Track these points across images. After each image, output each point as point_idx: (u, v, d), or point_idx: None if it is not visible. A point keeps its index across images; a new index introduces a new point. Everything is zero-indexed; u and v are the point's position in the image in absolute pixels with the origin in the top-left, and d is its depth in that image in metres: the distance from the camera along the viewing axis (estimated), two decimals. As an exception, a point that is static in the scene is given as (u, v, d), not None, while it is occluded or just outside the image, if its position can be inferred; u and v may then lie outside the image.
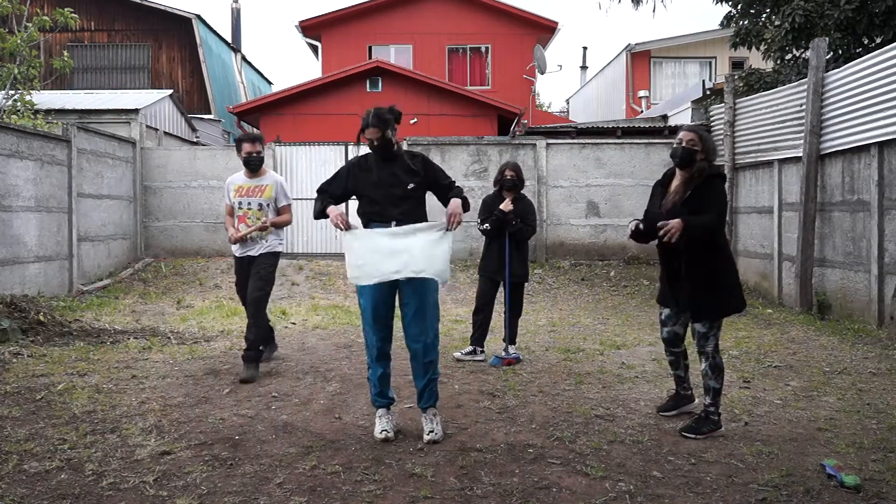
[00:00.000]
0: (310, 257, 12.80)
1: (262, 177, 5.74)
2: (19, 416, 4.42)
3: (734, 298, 4.20)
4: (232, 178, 5.81)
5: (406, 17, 19.59)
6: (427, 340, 4.07)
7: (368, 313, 4.09)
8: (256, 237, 5.66)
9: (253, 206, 5.65)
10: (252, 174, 5.72)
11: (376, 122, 4.07)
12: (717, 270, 4.15)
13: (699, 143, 4.14)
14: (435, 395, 4.19)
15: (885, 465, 3.69)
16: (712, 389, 4.17)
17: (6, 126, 9.16)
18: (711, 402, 4.18)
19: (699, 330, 4.18)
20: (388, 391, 4.21)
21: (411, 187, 4.10)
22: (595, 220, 12.69)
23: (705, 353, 4.18)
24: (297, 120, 15.69)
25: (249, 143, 5.66)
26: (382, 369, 4.14)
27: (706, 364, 4.18)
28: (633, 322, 8.51)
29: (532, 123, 16.55)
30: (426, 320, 4.07)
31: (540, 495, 3.30)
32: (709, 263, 4.13)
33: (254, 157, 5.64)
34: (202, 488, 3.35)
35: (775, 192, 10.05)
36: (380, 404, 4.18)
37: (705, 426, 4.16)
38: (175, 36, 18.74)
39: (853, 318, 8.16)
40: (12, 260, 9.01)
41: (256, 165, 5.68)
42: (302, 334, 7.58)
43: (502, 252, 6.17)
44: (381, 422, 4.12)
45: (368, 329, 4.13)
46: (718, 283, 4.14)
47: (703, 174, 4.12)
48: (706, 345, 4.18)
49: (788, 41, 10.61)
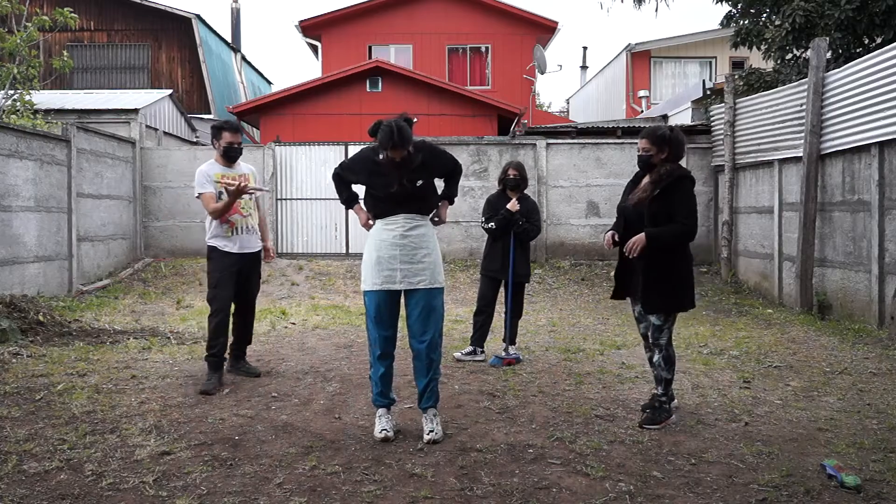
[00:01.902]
0: (310, 257, 12.80)
1: (238, 166, 5.47)
2: (19, 417, 4.41)
3: (687, 297, 4.34)
4: (205, 168, 5.36)
5: (406, 17, 19.59)
6: (430, 340, 4.09)
7: (373, 312, 4.11)
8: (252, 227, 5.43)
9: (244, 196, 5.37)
10: (229, 164, 5.41)
11: (401, 142, 3.88)
12: (674, 266, 4.27)
13: (653, 146, 4.31)
14: (436, 395, 4.20)
15: (886, 465, 3.68)
16: (664, 380, 4.36)
17: (6, 126, 9.16)
18: (663, 392, 4.38)
19: (654, 322, 4.33)
20: (390, 391, 4.22)
21: (420, 184, 4.12)
22: (595, 220, 12.68)
23: (659, 346, 4.34)
24: (297, 120, 15.69)
25: (232, 132, 5.39)
26: (384, 369, 4.15)
27: (659, 356, 4.35)
28: (633, 322, 8.48)
29: (532, 123, 16.55)
30: (430, 320, 4.09)
31: (540, 495, 3.29)
32: (666, 259, 4.24)
33: (235, 146, 5.36)
34: (202, 488, 3.34)
35: (775, 192, 10.04)
36: (380, 404, 4.18)
37: (660, 416, 4.33)
38: (175, 36, 18.73)
39: (853, 318, 8.16)
40: (12, 260, 9.00)
41: (236, 156, 5.41)
42: (302, 334, 7.57)
43: (506, 252, 6.16)
44: (380, 421, 4.12)
45: (372, 327, 4.14)
46: (674, 278, 4.26)
47: (671, 176, 4.23)
48: (660, 337, 4.33)
49: (789, 41, 10.61)
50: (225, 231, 5.31)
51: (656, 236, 4.15)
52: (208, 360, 5.26)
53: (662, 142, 4.28)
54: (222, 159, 5.40)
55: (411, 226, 4.08)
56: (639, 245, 4.14)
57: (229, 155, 5.38)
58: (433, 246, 4.15)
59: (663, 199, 4.20)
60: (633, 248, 4.16)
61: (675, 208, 4.18)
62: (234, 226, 5.33)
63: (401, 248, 4.05)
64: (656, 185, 4.23)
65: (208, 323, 5.35)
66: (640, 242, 4.14)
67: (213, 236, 5.36)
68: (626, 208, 4.37)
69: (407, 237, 4.06)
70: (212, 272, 5.36)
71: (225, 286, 5.31)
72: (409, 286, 4.07)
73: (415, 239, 4.08)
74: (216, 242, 5.34)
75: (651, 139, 4.32)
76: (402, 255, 4.05)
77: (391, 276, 4.05)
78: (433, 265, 4.11)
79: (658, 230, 4.16)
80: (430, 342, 4.09)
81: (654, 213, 4.20)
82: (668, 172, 4.23)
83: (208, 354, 5.26)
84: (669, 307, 4.29)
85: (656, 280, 4.23)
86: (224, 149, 5.35)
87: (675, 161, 4.32)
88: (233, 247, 5.32)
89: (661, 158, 4.29)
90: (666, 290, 4.24)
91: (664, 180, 4.22)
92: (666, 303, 4.27)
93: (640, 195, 4.31)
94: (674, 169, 4.26)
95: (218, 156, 5.41)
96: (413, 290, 4.09)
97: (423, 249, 4.09)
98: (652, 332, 4.35)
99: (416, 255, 4.07)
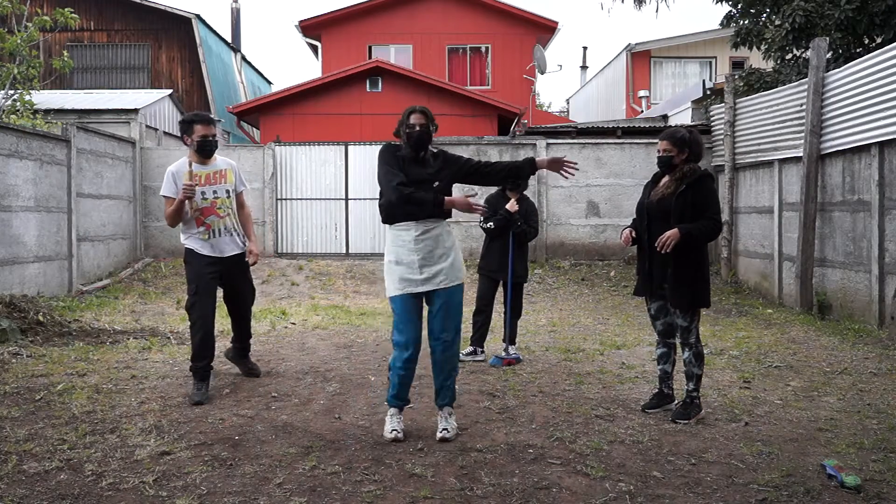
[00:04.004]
0: (310, 257, 12.80)
1: (214, 162, 5.07)
2: (19, 417, 4.41)
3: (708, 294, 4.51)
4: (175, 167, 4.99)
5: (406, 17, 19.58)
6: (449, 338, 4.12)
7: (398, 316, 4.11)
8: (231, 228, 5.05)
9: (220, 193, 5.01)
10: (204, 160, 5.03)
11: (422, 109, 4.15)
12: (701, 264, 4.44)
13: (674, 147, 4.43)
14: (452, 393, 4.22)
15: (886, 465, 3.68)
16: (695, 376, 4.48)
17: (6, 126, 9.15)
18: (694, 387, 4.49)
19: (681, 324, 4.44)
20: (407, 394, 4.22)
21: (437, 185, 4.13)
22: (595, 220, 12.68)
23: (688, 344, 4.46)
24: (297, 120, 15.68)
25: (204, 124, 4.95)
26: (406, 372, 4.13)
27: (689, 353, 4.47)
28: (633, 322, 8.51)
29: (532, 123, 16.54)
30: (450, 318, 4.11)
31: (540, 495, 3.29)
32: (694, 257, 4.39)
33: (209, 139, 4.95)
34: (202, 488, 3.34)
35: (775, 192, 10.04)
36: (395, 404, 4.18)
37: (692, 410, 4.45)
38: (175, 36, 18.73)
39: (853, 318, 8.16)
40: (12, 260, 9.00)
41: (212, 150, 5.02)
42: (302, 334, 7.57)
43: (504, 251, 6.18)
44: (391, 421, 4.13)
45: (397, 331, 4.10)
46: (700, 275, 4.43)
47: (694, 174, 4.39)
48: (689, 336, 4.45)
49: (789, 41, 10.61)
50: (201, 234, 4.97)
51: (689, 231, 4.26)
52: (195, 371, 4.92)
53: (683, 143, 4.43)
54: (196, 155, 5.00)
55: (426, 228, 4.07)
56: (672, 240, 4.24)
57: (204, 149, 4.98)
58: (451, 244, 4.15)
59: (688, 195, 4.34)
60: (666, 242, 4.24)
61: (703, 205, 4.33)
62: (210, 227, 4.97)
63: (418, 252, 4.05)
64: (681, 182, 4.38)
65: (191, 334, 4.99)
66: (673, 237, 4.24)
67: (187, 237, 5.00)
68: (650, 204, 4.48)
69: (423, 240, 4.06)
70: (190, 279, 4.98)
71: (204, 293, 4.91)
72: (431, 287, 4.07)
73: (431, 241, 4.08)
74: (191, 244, 4.97)
75: (672, 140, 4.44)
76: (420, 259, 4.05)
77: (412, 281, 4.06)
78: (452, 264, 4.12)
79: (690, 226, 4.28)
80: (449, 340, 4.11)
81: (681, 210, 4.33)
82: (691, 170, 4.40)
83: (194, 366, 4.92)
84: (698, 303, 4.43)
85: (686, 277, 4.37)
86: (198, 143, 4.94)
87: (696, 161, 4.46)
88: (210, 250, 4.96)
89: (682, 159, 4.43)
90: (696, 287, 4.40)
91: (688, 177, 4.37)
92: (695, 299, 4.41)
93: (663, 191, 4.44)
94: (696, 168, 4.42)
95: (191, 152, 5.01)
96: (434, 290, 4.10)
97: (440, 249, 4.10)
98: (681, 333, 4.47)
99: (433, 257, 4.07)
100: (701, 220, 4.31)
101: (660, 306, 4.57)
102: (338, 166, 13.05)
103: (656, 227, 4.41)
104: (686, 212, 4.32)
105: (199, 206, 4.96)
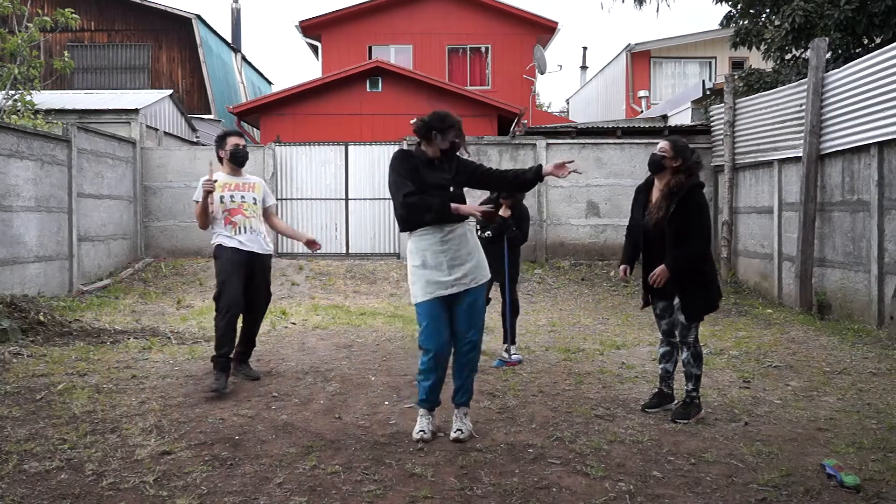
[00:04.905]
0: (310, 257, 12.80)
1: (244, 176, 5.46)
2: (19, 416, 4.42)
3: (716, 295, 4.54)
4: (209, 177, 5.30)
5: (406, 17, 19.58)
6: (475, 338, 4.14)
7: (427, 321, 4.06)
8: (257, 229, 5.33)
9: (247, 199, 5.33)
10: (235, 171, 5.39)
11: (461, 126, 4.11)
12: (705, 274, 4.46)
13: (671, 151, 4.42)
14: (470, 392, 4.23)
15: (885, 465, 3.69)
16: (694, 376, 4.50)
17: (6, 126, 9.17)
18: (693, 387, 4.51)
19: (683, 322, 4.46)
20: (438, 396, 4.20)
21: (452, 190, 4.14)
22: (595, 220, 12.69)
23: (687, 343, 4.49)
24: (297, 120, 15.69)
25: (236, 136, 5.41)
26: (436, 376, 4.12)
27: (688, 353, 4.50)
28: (633, 322, 8.51)
29: (532, 123, 16.54)
30: (475, 317, 4.13)
31: (540, 495, 3.30)
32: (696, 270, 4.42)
33: (241, 149, 5.33)
34: (202, 488, 3.35)
35: (775, 192, 10.05)
36: (425, 406, 4.18)
37: (692, 410, 4.46)
38: (175, 36, 18.74)
39: (853, 318, 8.16)
40: (12, 260, 9.01)
41: (244, 160, 5.39)
42: (302, 334, 7.58)
43: (499, 256, 6.21)
44: (421, 421, 4.14)
45: (427, 337, 4.06)
46: (706, 283, 4.46)
47: (683, 188, 4.36)
48: (688, 336, 4.48)
49: (788, 41, 10.61)
50: (228, 231, 5.25)
51: (675, 264, 4.32)
52: (216, 361, 5.10)
53: (682, 151, 4.42)
54: (229, 165, 5.36)
55: (451, 229, 4.07)
56: (662, 277, 4.33)
57: (236, 157, 5.33)
58: (474, 243, 4.17)
59: (681, 212, 4.34)
60: (657, 280, 4.34)
61: (691, 223, 4.33)
62: (237, 226, 5.26)
63: (446, 254, 4.05)
64: (671, 202, 4.36)
65: (216, 322, 5.19)
66: (663, 275, 4.33)
67: (216, 235, 5.29)
68: (646, 225, 4.50)
69: (448, 241, 4.05)
70: (219, 270, 5.23)
71: (231, 282, 5.13)
72: (461, 288, 4.06)
73: (455, 242, 4.07)
74: (220, 240, 5.26)
75: (672, 144, 4.45)
76: (448, 259, 4.05)
77: (441, 283, 4.04)
78: (478, 262, 4.14)
79: (675, 257, 4.32)
80: (475, 340, 4.13)
81: (676, 231, 4.34)
82: (678, 184, 4.37)
83: (216, 355, 5.10)
84: (711, 308, 4.50)
85: (694, 290, 4.41)
86: (231, 152, 5.31)
87: (686, 174, 4.41)
88: (238, 244, 5.23)
89: (674, 166, 4.41)
90: (704, 297, 4.45)
91: (676, 195, 4.35)
92: (706, 308, 4.48)
93: (656, 216, 4.43)
94: (683, 182, 4.38)
95: (225, 163, 5.37)
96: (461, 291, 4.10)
97: (466, 249, 4.10)
98: (680, 331, 4.50)
99: (459, 257, 4.07)
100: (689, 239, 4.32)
101: (665, 305, 4.59)
102: (338, 166, 13.06)
103: (654, 247, 4.48)
104: (681, 232, 4.34)
105: (227, 206, 5.26)
